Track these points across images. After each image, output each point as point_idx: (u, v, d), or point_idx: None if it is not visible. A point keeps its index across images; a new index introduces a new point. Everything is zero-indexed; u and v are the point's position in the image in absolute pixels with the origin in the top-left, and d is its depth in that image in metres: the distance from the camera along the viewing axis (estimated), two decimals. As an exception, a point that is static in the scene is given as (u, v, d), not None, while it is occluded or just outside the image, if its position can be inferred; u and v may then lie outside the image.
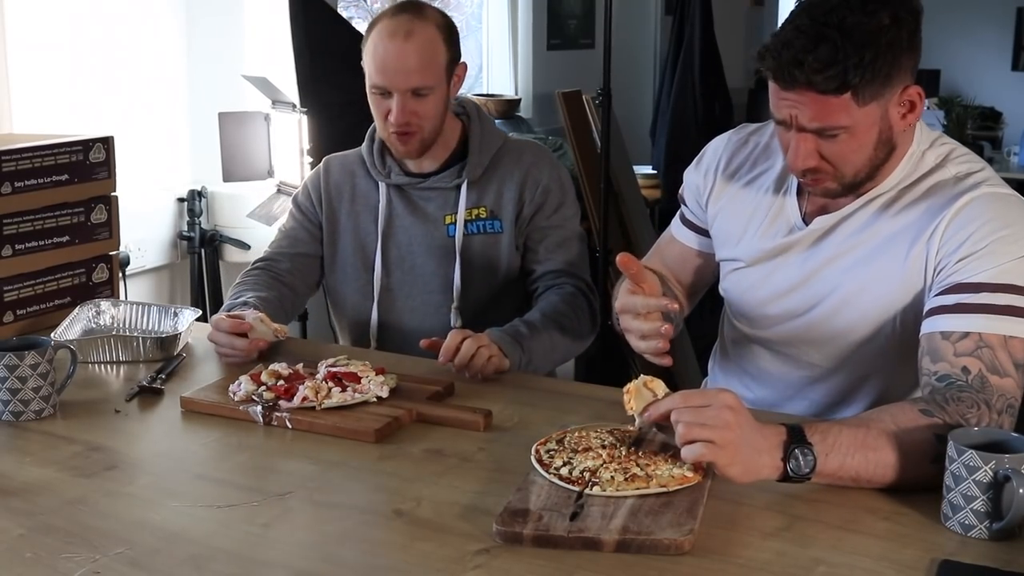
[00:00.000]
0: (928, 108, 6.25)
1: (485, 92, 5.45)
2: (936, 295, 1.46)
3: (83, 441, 1.51)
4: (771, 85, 1.47)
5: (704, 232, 1.81)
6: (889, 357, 1.58)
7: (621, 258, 1.45)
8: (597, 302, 2.04)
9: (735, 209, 1.72)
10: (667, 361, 1.50)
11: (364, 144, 2.10)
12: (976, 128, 6.40)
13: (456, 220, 2.03)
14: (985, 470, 1.16)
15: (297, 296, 2.10)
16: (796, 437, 1.26)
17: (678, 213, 1.88)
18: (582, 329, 1.98)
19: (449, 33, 1.95)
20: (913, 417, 1.31)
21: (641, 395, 1.34)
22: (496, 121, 5.20)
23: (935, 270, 1.48)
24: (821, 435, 1.26)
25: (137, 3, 3.27)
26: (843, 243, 1.58)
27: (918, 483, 1.27)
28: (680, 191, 1.86)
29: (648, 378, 1.36)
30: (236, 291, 2.00)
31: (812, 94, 1.42)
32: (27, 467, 1.42)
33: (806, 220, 1.62)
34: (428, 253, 2.05)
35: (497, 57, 5.51)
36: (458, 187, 2.03)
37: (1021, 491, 1.13)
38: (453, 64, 1.96)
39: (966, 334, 1.39)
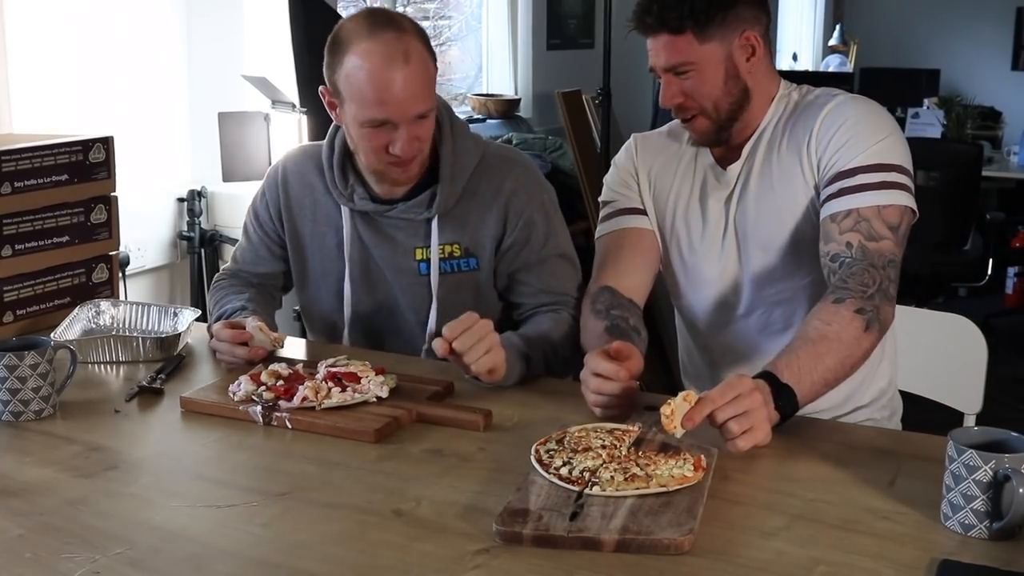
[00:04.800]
0: (928, 108, 6.25)
1: (485, 92, 5.45)
2: (824, 187, 1.70)
3: (83, 441, 1.51)
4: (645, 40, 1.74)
5: (646, 212, 1.91)
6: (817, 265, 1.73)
7: (617, 345, 1.55)
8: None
9: (663, 172, 1.89)
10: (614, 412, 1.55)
11: (324, 155, 1.91)
12: (976, 128, 6.40)
13: (429, 257, 1.88)
14: (985, 470, 1.16)
15: (274, 299, 2.08)
16: (774, 383, 1.45)
17: (611, 221, 1.91)
18: (568, 359, 1.81)
19: (428, 41, 1.76)
20: (833, 310, 1.56)
21: (682, 409, 1.38)
22: (496, 121, 5.20)
23: (818, 167, 1.71)
24: (788, 370, 1.47)
25: (137, 3, 3.28)
26: (749, 184, 1.78)
27: (866, 355, 1.56)
28: (601, 200, 1.95)
29: (686, 392, 1.40)
30: (218, 297, 1.98)
31: (664, 37, 1.70)
32: (27, 467, 1.42)
33: (722, 167, 1.82)
34: (400, 286, 1.92)
35: (497, 57, 5.51)
36: (429, 220, 1.86)
37: (1021, 491, 1.13)
38: (435, 74, 1.79)
39: (848, 213, 1.65)
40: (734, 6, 1.70)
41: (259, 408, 1.57)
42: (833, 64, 8.56)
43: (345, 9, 4.54)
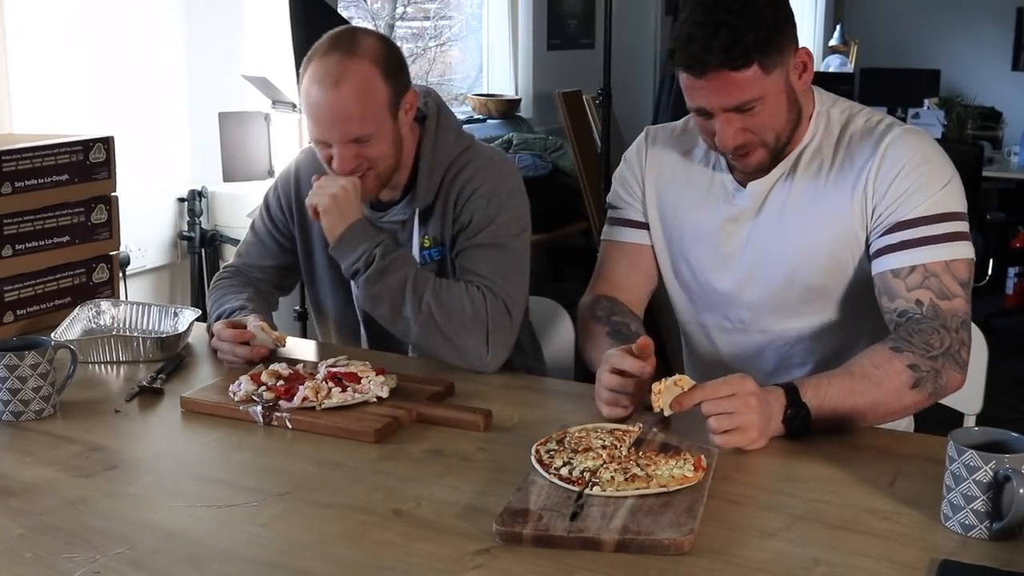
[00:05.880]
0: (928, 108, 6.25)
1: (485, 92, 5.46)
2: (880, 236, 1.61)
3: (83, 441, 1.51)
4: (685, 79, 1.59)
5: (648, 226, 1.86)
6: (852, 303, 1.69)
7: (643, 341, 1.52)
8: (507, 321, 1.78)
9: (672, 182, 1.81)
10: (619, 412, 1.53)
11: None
12: (976, 128, 6.40)
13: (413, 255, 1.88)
14: (985, 470, 1.16)
15: (273, 298, 2.08)
16: (792, 399, 1.43)
17: (614, 228, 1.88)
18: (462, 318, 1.75)
19: (387, 66, 1.75)
20: (887, 356, 1.49)
21: (671, 391, 1.43)
22: (496, 121, 5.20)
23: (873, 212, 1.62)
24: (814, 391, 1.44)
25: (137, 3, 3.28)
26: (783, 207, 1.68)
27: (907, 410, 1.51)
28: (608, 201, 1.91)
29: (678, 376, 1.44)
30: (217, 296, 1.98)
31: (725, 74, 1.54)
32: (27, 467, 1.42)
33: (742, 185, 1.72)
34: None
35: (497, 57, 5.51)
36: (412, 216, 1.88)
37: (1021, 491, 1.13)
38: (398, 97, 1.77)
39: (913, 268, 1.56)
40: (784, 28, 1.57)
41: (259, 408, 1.57)
42: (833, 64, 8.56)
43: (345, 9, 4.54)
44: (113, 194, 2.21)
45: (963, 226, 1.58)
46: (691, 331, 1.89)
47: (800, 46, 1.61)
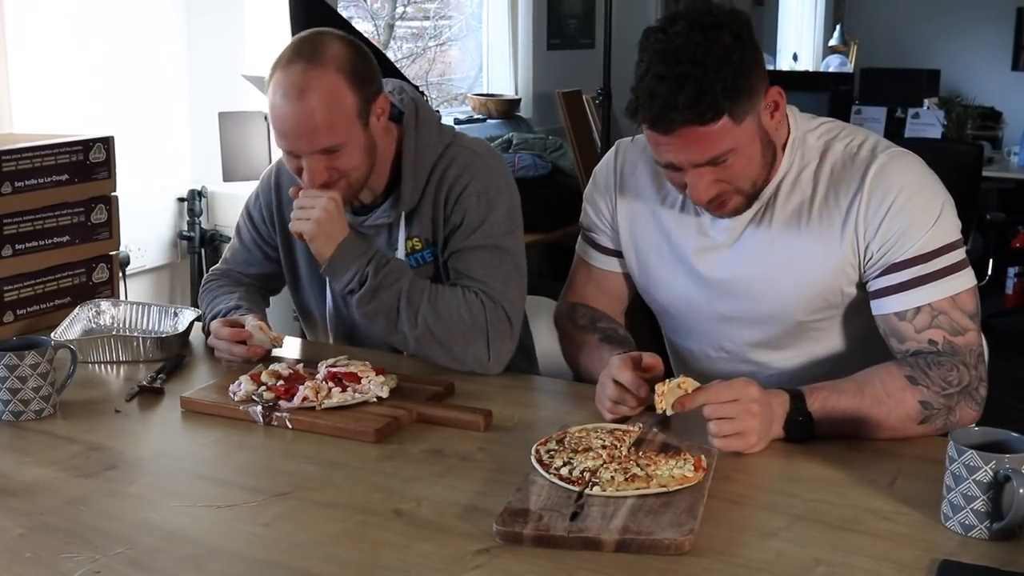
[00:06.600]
0: (928, 108, 6.25)
1: (485, 92, 5.45)
2: (877, 277, 1.56)
3: (83, 441, 1.51)
4: (648, 133, 1.51)
5: (620, 253, 1.82)
6: (842, 336, 1.68)
7: (650, 360, 1.53)
8: (507, 327, 1.76)
9: (644, 205, 1.75)
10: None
11: None
12: (976, 128, 6.39)
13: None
14: (985, 470, 1.16)
15: (263, 300, 2.07)
16: (797, 407, 1.43)
17: (585, 246, 1.86)
18: (460, 327, 1.73)
19: (354, 73, 1.69)
20: (901, 386, 1.45)
21: (674, 393, 1.43)
22: (496, 121, 5.19)
23: (865, 251, 1.57)
24: (821, 402, 1.43)
25: (137, 3, 3.28)
26: (766, 246, 1.62)
27: (912, 437, 1.46)
28: (581, 221, 1.86)
29: (682, 378, 1.45)
30: (210, 297, 1.97)
31: (694, 130, 1.45)
32: (27, 467, 1.42)
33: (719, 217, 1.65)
34: None
35: (497, 57, 5.51)
36: (398, 219, 1.83)
37: (1021, 491, 1.13)
38: (367, 104, 1.71)
39: (918, 309, 1.51)
40: (753, 70, 1.47)
41: (259, 408, 1.57)
42: (833, 64, 8.56)
43: (345, 9, 4.53)
44: (113, 194, 2.21)
45: (961, 254, 1.53)
46: (678, 352, 1.86)
47: (771, 85, 1.52)
